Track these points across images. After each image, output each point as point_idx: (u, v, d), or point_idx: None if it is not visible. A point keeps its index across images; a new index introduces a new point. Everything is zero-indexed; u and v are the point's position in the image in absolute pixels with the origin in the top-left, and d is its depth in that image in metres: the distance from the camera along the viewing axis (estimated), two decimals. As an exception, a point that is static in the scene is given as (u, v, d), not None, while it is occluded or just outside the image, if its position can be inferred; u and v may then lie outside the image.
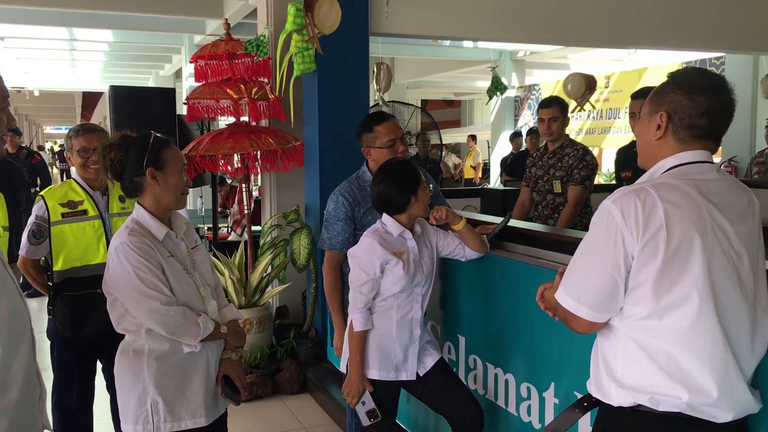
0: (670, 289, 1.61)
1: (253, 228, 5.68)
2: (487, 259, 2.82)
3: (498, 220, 3.18)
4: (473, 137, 15.70)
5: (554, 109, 4.18)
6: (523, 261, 2.69)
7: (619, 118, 10.30)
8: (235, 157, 5.18)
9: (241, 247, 5.04)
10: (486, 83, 16.20)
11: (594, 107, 6.79)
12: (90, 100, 24.56)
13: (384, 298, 2.58)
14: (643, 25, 6.13)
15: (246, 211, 5.50)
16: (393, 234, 2.60)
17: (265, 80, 5.24)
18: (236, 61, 5.13)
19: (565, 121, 4.20)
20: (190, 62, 5.38)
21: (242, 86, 5.09)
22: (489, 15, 5.67)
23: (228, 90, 5.07)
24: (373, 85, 7.46)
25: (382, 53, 8.77)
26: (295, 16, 4.64)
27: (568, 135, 4.34)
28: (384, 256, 2.53)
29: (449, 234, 2.79)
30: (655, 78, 9.97)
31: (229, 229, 7.59)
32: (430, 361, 2.71)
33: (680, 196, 1.64)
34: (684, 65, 9.41)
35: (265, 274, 4.84)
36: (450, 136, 16.66)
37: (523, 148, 9.30)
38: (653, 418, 1.67)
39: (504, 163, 9.91)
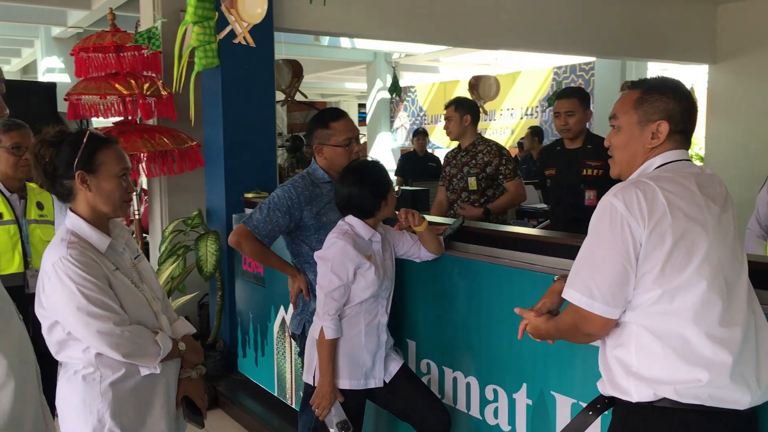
0: (681, 271, 1.65)
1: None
2: (442, 259, 2.74)
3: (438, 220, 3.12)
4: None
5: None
6: (484, 260, 2.63)
7: (494, 120, 10.65)
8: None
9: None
10: (356, 85, 16.30)
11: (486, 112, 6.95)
12: None
13: (353, 304, 2.45)
14: (514, 28, 6.28)
15: (137, 216, 5.12)
16: (364, 237, 2.47)
17: (155, 75, 4.89)
18: (123, 54, 4.75)
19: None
20: (71, 55, 4.92)
21: (132, 81, 4.72)
22: (396, 14, 5.61)
23: (117, 85, 4.68)
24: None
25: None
26: (196, 8, 4.34)
27: (480, 133, 4.38)
28: (357, 260, 2.40)
29: (404, 233, 2.70)
30: (529, 82, 10.41)
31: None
32: (394, 366, 2.61)
33: (677, 186, 1.71)
34: (554, 69, 9.88)
35: (166, 284, 4.49)
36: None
37: (411, 149, 9.26)
38: (675, 414, 1.67)
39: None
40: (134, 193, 5.09)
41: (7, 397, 1.03)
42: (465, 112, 4.25)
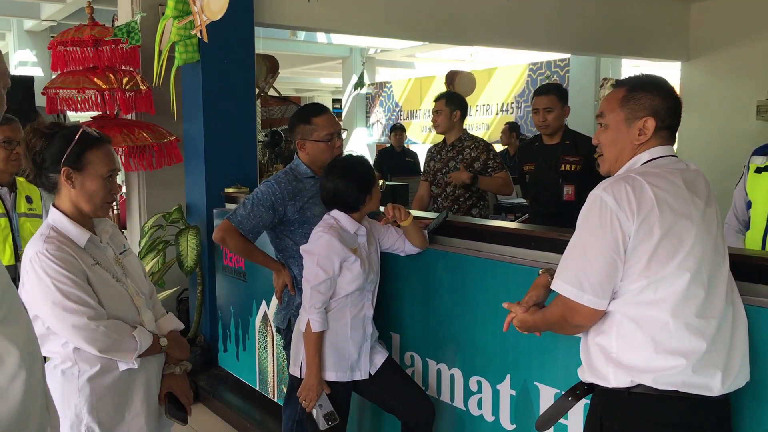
0: (666, 264, 1.70)
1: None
2: (427, 253, 2.78)
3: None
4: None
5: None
6: (468, 254, 2.67)
7: (469, 116, 10.68)
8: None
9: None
10: (331, 80, 16.25)
11: None
12: None
13: (338, 297, 2.48)
14: (490, 24, 6.33)
15: (116, 212, 5.09)
16: (349, 231, 2.50)
17: (134, 70, 4.86)
18: (102, 47, 4.71)
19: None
20: (48, 48, 4.87)
21: (111, 75, 4.68)
22: (374, 9, 5.63)
23: (95, 79, 4.65)
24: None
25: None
26: (177, 2, 4.33)
27: (465, 129, 4.41)
28: (343, 253, 2.43)
29: (389, 227, 2.73)
30: (504, 78, 10.49)
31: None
32: (379, 359, 2.64)
33: (664, 181, 1.77)
34: (530, 65, 9.96)
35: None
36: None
37: (389, 145, 9.30)
38: (651, 400, 1.72)
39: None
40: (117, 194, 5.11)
41: (19, 388, 1.04)
42: (455, 107, 4.27)
